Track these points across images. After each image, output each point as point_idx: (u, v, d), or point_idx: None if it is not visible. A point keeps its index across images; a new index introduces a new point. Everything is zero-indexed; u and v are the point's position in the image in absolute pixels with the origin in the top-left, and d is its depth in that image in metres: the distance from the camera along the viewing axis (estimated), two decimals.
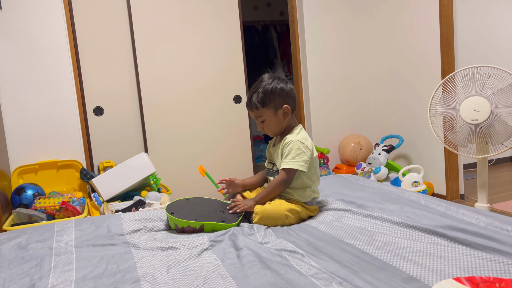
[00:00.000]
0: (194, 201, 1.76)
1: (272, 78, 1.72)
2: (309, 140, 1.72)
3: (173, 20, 3.28)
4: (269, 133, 1.77)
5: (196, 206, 1.70)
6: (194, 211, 1.66)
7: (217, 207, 1.72)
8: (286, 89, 1.71)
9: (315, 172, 1.75)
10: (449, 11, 3.01)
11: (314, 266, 1.21)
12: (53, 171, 2.89)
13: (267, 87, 1.69)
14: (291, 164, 1.64)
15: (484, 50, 4.20)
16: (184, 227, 1.57)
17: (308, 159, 1.67)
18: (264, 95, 1.68)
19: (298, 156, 1.65)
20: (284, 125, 1.75)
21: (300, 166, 1.64)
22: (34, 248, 1.44)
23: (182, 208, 1.67)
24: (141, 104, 3.23)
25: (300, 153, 1.65)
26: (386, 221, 1.49)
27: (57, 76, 2.92)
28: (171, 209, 1.65)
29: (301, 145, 1.66)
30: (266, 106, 1.69)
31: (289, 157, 1.65)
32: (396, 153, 3.70)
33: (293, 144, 1.66)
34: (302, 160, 1.65)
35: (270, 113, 1.70)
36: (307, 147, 1.68)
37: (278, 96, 1.69)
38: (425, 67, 3.28)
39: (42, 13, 2.86)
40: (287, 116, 1.72)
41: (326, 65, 3.73)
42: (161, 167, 3.26)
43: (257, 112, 1.72)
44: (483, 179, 2.41)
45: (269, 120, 1.72)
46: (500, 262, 1.12)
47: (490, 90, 2.18)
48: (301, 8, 3.63)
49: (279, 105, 1.70)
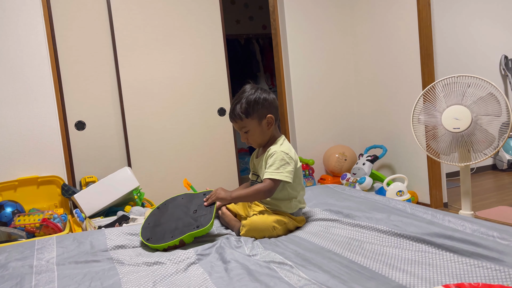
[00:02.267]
0: (165, 208, 1.71)
1: (254, 88, 1.71)
2: (292, 150, 1.70)
3: (156, 34, 3.27)
4: (253, 144, 1.75)
5: (169, 218, 1.65)
6: (168, 226, 1.60)
7: (188, 209, 1.67)
8: (269, 99, 1.71)
9: (300, 183, 1.73)
10: (428, 23, 3.09)
11: (303, 277, 1.20)
12: (33, 187, 2.82)
13: (250, 97, 1.67)
14: (275, 175, 1.62)
15: (462, 61, 4.31)
16: (165, 248, 1.53)
17: (293, 170, 1.65)
18: (248, 105, 1.67)
19: (282, 167, 1.62)
20: (268, 136, 1.73)
21: (284, 177, 1.62)
22: (14, 267, 1.39)
23: (156, 226, 1.62)
24: (123, 117, 3.19)
25: (284, 164, 1.63)
26: (373, 230, 1.49)
27: (37, 90, 2.86)
28: (146, 233, 1.59)
29: (285, 156, 1.64)
30: (250, 116, 1.67)
31: (273, 168, 1.63)
32: (380, 163, 3.73)
33: (277, 155, 1.64)
34: (286, 171, 1.63)
35: (254, 124, 1.69)
36: (291, 158, 1.66)
37: (262, 106, 1.68)
38: (406, 78, 3.34)
39: (22, 27, 2.81)
40: (271, 126, 1.71)
41: (309, 77, 3.76)
42: (145, 181, 3.22)
43: (241, 123, 1.70)
44: (466, 186, 2.45)
45: (253, 130, 1.70)
46: (488, 268, 1.12)
47: (470, 99, 2.23)
48: (283, 22, 3.67)
49: (263, 115, 1.69)
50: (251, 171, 1.84)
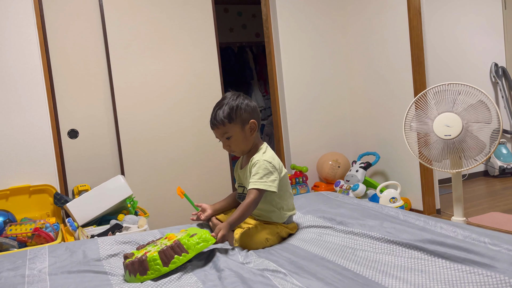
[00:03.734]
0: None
1: (236, 95, 1.68)
2: (276, 159, 1.68)
3: (149, 42, 3.28)
4: (236, 152, 1.71)
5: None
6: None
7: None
8: (251, 105, 1.68)
9: (287, 190, 1.72)
10: (419, 32, 3.13)
11: (297, 285, 1.20)
12: (25, 196, 2.79)
13: (232, 103, 1.64)
14: (258, 185, 1.58)
15: (453, 69, 4.36)
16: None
17: (276, 179, 1.62)
18: (231, 110, 1.63)
19: (266, 177, 1.59)
20: (251, 142, 1.70)
21: (268, 186, 1.59)
22: (5, 277, 1.38)
23: None
24: (117, 126, 3.18)
25: (267, 173, 1.60)
26: (366, 237, 1.50)
27: (29, 98, 2.85)
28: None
29: (268, 165, 1.61)
30: (233, 122, 1.64)
31: (256, 177, 1.60)
32: (373, 170, 3.75)
33: (259, 163, 1.61)
34: (269, 180, 1.59)
35: (237, 129, 1.65)
36: (274, 167, 1.63)
37: (245, 111, 1.65)
38: (398, 86, 3.37)
39: (15, 35, 2.81)
40: (254, 132, 1.68)
41: (302, 85, 3.78)
42: (138, 189, 3.20)
43: (223, 128, 1.65)
44: (458, 193, 2.47)
45: (236, 136, 1.66)
46: (480, 274, 1.13)
47: (461, 106, 2.26)
48: (276, 30, 3.70)
49: (246, 120, 1.66)
50: (237, 183, 1.81)
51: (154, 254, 1.34)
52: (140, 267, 1.32)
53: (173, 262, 1.34)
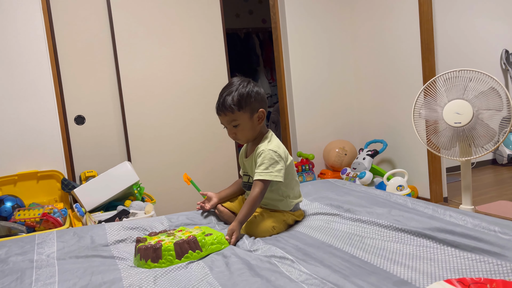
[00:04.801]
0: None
1: (245, 81, 1.64)
2: (281, 147, 1.65)
3: (155, 28, 3.25)
4: (241, 140, 1.69)
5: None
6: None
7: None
8: (261, 93, 1.65)
9: (293, 178, 1.70)
10: (429, 17, 3.07)
11: (305, 272, 1.19)
12: (33, 182, 2.81)
13: (242, 90, 1.60)
14: (264, 175, 1.57)
15: (463, 55, 4.29)
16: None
17: (282, 168, 1.60)
18: (241, 97, 1.59)
19: (271, 167, 1.58)
20: (257, 131, 1.67)
21: (274, 176, 1.57)
22: (14, 261, 1.39)
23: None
24: (123, 112, 3.18)
25: (273, 163, 1.58)
26: (374, 225, 1.49)
27: (36, 85, 2.85)
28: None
29: (274, 154, 1.59)
30: (242, 109, 1.60)
31: (261, 168, 1.58)
32: (380, 157, 3.73)
33: (265, 153, 1.59)
34: (275, 170, 1.58)
35: (246, 117, 1.61)
36: (280, 156, 1.61)
37: (255, 99, 1.62)
38: (407, 72, 3.32)
39: (21, 21, 2.79)
40: (261, 121, 1.66)
41: (309, 72, 3.75)
42: (145, 176, 3.21)
43: (231, 116, 1.61)
44: (467, 181, 2.44)
45: (244, 124, 1.63)
46: (490, 262, 1.12)
47: (471, 93, 2.22)
48: (283, 15, 3.65)
49: (255, 109, 1.63)
50: (242, 171, 1.79)
51: (169, 244, 1.34)
52: (153, 254, 1.32)
53: (186, 256, 1.35)
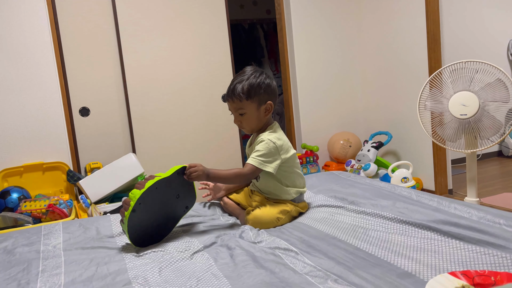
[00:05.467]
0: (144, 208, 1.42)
1: (258, 71, 1.64)
2: (282, 138, 1.64)
3: (159, 19, 3.24)
4: (246, 129, 1.69)
5: (153, 217, 1.46)
6: (158, 226, 1.47)
7: (168, 197, 1.49)
8: (272, 85, 1.65)
9: (295, 169, 1.69)
10: (435, 8, 3.03)
11: (309, 263, 1.20)
12: (39, 173, 2.83)
13: (253, 80, 1.61)
14: (253, 161, 1.57)
15: (470, 46, 4.24)
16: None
17: (275, 160, 1.59)
18: (251, 87, 1.60)
19: (265, 156, 1.58)
20: (263, 122, 1.68)
21: (263, 165, 1.57)
22: (21, 252, 1.40)
23: (144, 233, 1.44)
24: (128, 104, 3.18)
25: (267, 152, 1.58)
26: (379, 217, 1.49)
27: (41, 76, 2.85)
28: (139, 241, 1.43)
29: (270, 144, 1.59)
30: (250, 99, 1.60)
31: (256, 154, 1.59)
32: (385, 149, 3.72)
33: (264, 142, 1.60)
34: (267, 161, 1.57)
35: (253, 107, 1.62)
36: (276, 147, 1.60)
37: (264, 91, 1.62)
38: (413, 64, 3.30)
39: (25, 12, 2.79)
40: (268, 113, 1.66)
41: (314, 63, 3.72)
42: (149, 167, 3.22)
43: (239, 104, 1.62)
44: (472, 173, 2.43)
45: (250, 114, 1.63)
46: (494, 255, 1.12)
47: (478, 85, 2.20)
48: (288, 6, 3.62)
49: (264, 101, 1.63)
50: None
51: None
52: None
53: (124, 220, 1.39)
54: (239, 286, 1.09)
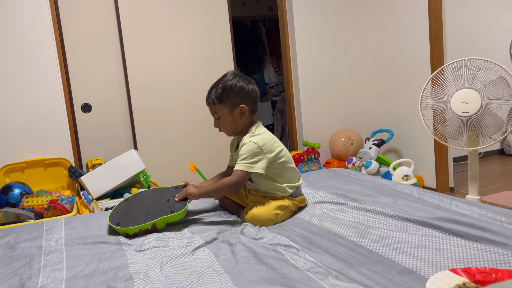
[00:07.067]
0: (134, 200, 1.69)
1: (235, 75, 1.65)
2: (265, 138, 1.62)
3: (161, 16, 3.23)
4: (224, 132, 1.70)
5: (139, 206, 1.63)
6: (139, 212, 1.59)
7: (159, 198, 1.67)
8: (247, 88, 1.64)
9: (286, 166, 1.68)
10: (438, 5, 3.02)
11: (310, 260, 1.20)
12: (41, 169, 2.83)
13: (226, 83, 1.62)
14: (241, 166, 1.58)
15: (472, 44, 4.23)
16: (136, 232, 1.50)
17: (261, 160, 1.59)
18: (222, 91, 1.62)
19: (249, 158, 1.58)
20: (240, 126, 1.67)
21: (250, 168, 1.57)
22: (23, 247, 1.41)
23: (125, 213, 1.59)
24: (129, 100, 3.18)
25: (251, 155, 1.58)
26: (380, 214, 1.49)
27: (43, 72, 2.86)
28: (115, 219, 1.56)
29: (253, 146, 1.58)
30: (222, 103, 1.62)
31: (240, 158, 1.59)
32: (387, 147, 3.71)
33: (246, 146, 1.60)
34: (252, 162, 1.57)
35: (226, 111, 1.63)
36: (260, 147, 1.59)
37: (236, 94, 1.62)
38: (415, 61, 3.29)
39: (27, 8, 2.79)
40: (243, 117, 1.65)
41: (316, 60, 3.72)
42: (151, 164, 3.23)
43: (213, 107, 1.65)
44: (474, 171, 2.43)
45: (224, 118, 1.65)
46: (496, 252, 1.12)
47: (480, 82, 2.19)
48: (290, 3, 3.61)
49: (236, 104, 1.63)
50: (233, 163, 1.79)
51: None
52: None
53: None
54: (240, 282, 1.09)
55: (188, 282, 1.11)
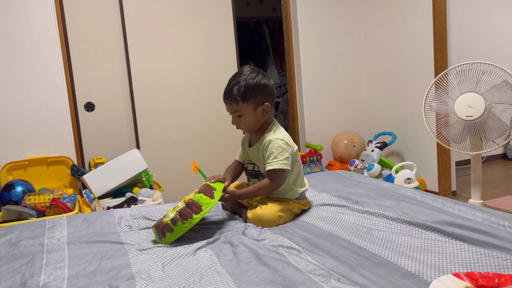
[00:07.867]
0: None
1: (255, 72, 1.62)
2: (287, 136, 1.66)
3: (166, 16, 3.24)
4: (243, 129, 1.69)
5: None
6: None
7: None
8: (269, 85, 1.63)
9: (298, 166, 1.70)
10: (442, 8, 3.02)
11: (312, 262, 1.20)
12: (43, 167, 2.84)
13: (250, 81, 1.58)
14: (275, 165, 1.58)
15: (477, 47, 4.22)
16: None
17: (289, 156, 1.61)
18: (247, 89, 1.58)
19: (280, 155, 1.59)
20: (261, 123, 1.67)
21: (284, 165, 1.59)
22: (25, 245, 1.41)
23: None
24: (132, 100, 3.19)
25: (281, 151, 1.59)
26: (382, 217, 1.48)
27: (47, 71, 2.86)
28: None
29: (281, 143, 1.60)
30: (246, 101, 1.59)
31: (271, 158, 1.59)
32: (389, 150, 3.71)
33: (273, 143, 1.60)
34: (284, 158, 1.59)
35: (249, 109, 1.61)
36: (287, 143, 1.62)
37: (261, 92, 1.60)
38: (418, 64, 3.28)
39: (32, 6, 2.80)
40: (266, 114, 1.65)
41: (319, 62, 3.72)
42: (153, 163, 3.23)
43: (235, 106, 1.61)
44: (477, 175, 2.42)
45: (247, 116, 1.62)
46: (499, 257, 1.11)
47: (484, 86, 2.19)
48: (294, 5, 3.61)
49: (260, 102, 1.62)
50: (247, 160, 1.79)
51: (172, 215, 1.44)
52: (166, 229, 1.42)
53: (189, 221, 1.43)
54: (242, 282, 1.09)
55: (190, 282, 1.11)
